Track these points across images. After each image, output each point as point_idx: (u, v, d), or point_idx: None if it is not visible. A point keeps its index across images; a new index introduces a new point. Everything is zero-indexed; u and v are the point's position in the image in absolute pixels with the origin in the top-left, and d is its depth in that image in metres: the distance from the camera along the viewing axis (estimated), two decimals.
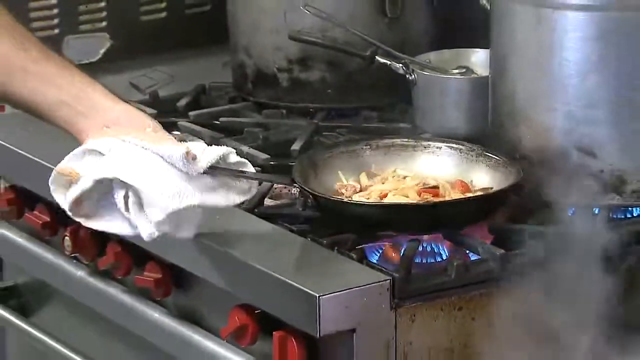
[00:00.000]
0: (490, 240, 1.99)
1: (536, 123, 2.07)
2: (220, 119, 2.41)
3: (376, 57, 2.34)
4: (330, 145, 2.18)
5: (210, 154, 1.87)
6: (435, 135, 2.24)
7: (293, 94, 2.45)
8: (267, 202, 2.09)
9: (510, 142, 2.10)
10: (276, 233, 2.00)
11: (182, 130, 2.38)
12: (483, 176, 2.08)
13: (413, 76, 2.30)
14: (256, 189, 1.94)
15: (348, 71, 2.42)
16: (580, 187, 2.05)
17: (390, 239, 1.99)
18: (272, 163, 2.21)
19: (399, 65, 2.32)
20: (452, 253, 1.95)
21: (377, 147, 2.13)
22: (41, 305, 2.41)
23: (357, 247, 1.93)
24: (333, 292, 1.80)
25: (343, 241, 1.94)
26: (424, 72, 2.30)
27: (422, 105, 2.30)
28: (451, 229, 1.99)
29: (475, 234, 2.00)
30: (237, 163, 1.90)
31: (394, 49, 2.35)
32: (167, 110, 2.45)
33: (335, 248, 1.92)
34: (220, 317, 1.99)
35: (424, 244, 1.96)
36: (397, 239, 1.97)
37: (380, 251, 1.97)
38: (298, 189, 2.02)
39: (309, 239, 1.96)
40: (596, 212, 2.04)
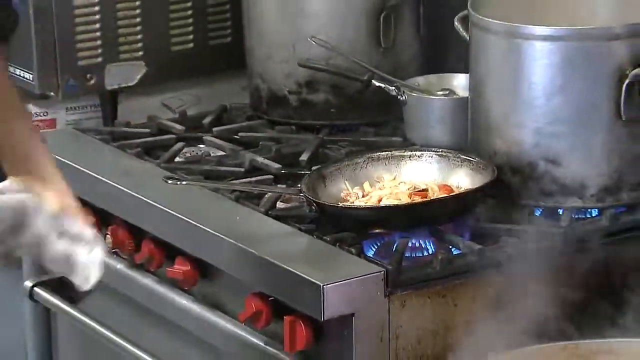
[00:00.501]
0: (470, 237, 1.98)
1: (508, 137, 2.06)
2: (239, 134, 2.40)
3: (372, 81, 2.33)
4: (336, 159, 2.18)
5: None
6: (422, 146, 2.23)
7: (301, 112, 2.44)
8: (279, 205, 2.08)
9: (486, 153, 2.09)
10: (286, 231, 2.00)
11: (207, 144, 2.38)
12: (465, 179, 2.07)
13: (404, 97, 2.29)
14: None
15: (348, 93, 2.41)
16: (546, 192, 2.06)
17: (383, 236, 1.98)
18: (284, 172, 2.21)
19: (392, 88, 2.31)
20: (437, 248, 1.94)
21: (377, 159, 2.13)
22: (85, 293, 2.41)
23: (356, 244, 1.92)
24: (335, 282, 1.81)
25: (344, 238, 1.94)
26: (413, 94, 2.29)
27: (412, 122, 2.30)
28: (436, 225, 1.98)
29: (457, 231, 1.99)
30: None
31: (387, 74, 2.34)
32: (194, 126, 2.44)
33: (337, 244, 1.93)
34: (238, 304, 1.98)
35: (413, 241, 1.96)
36: (389, 236, 1.97)
37: (376, 247, 1.96)
38: (305, 197, 2.02)
39: (314, 236, 1.96)
40: (560, 212, 2.04)
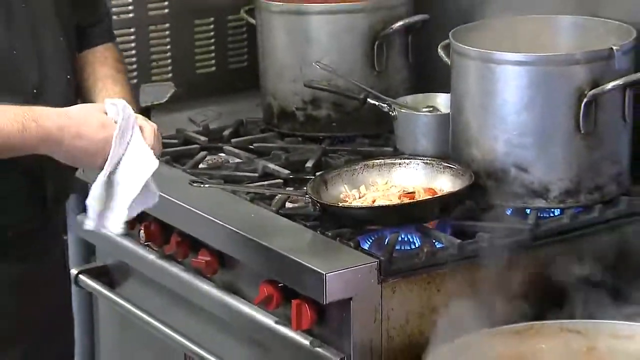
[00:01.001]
0: (451, 232, 1.98)
1: (484, 147, 2.06)
2: (254, 144, 2.40)
3: (367, 99, 2.33)
4: (336, 166, 2.17)
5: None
6: (410, 155, 2.23)
7: (307, 126, 2.43)
8: (288, 205, 2.07)
9: (465, 161, 2.08)
10: (294, 227, 1.99)
11: (227, 153, 2.38)
12: (447, 183, 2.06)
13: (394, 113, 2.28)
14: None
15: (347, 110, 2.40)
16: (516, 194, 2.06)
17: (377, 232, 1.97)
18: (292, 177, 2.20)
19: (384, 106, 2.30)
20: (423, 242, 1.94)
21: (372, 166, 2.12)
22: (123, 280, 2.41)
23: (353, 238, 1.92)
24: (335, 271, 1.81)
25: (343, 234, 1.94)
26: (402, 110, 2.29)
27: (401, 134, 2.29)
28: (422, 222, 1.98)
29: (440, 227, 1.99)
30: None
31: (380, 93, 2.33)
32: (216, 138, 2.43)
33: (337, 238, 1.93)
34: (253, 289, 1.99)
35: (402, 236, 1.96)
36: (382, 231, 1.96)
37: (370, 241, 1.96)
38: (309, 198, 2.02)
39: (318, 232, 1.96)
40: (528, 212, 2.04)
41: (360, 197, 2.06)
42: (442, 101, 2.31)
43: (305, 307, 1.87)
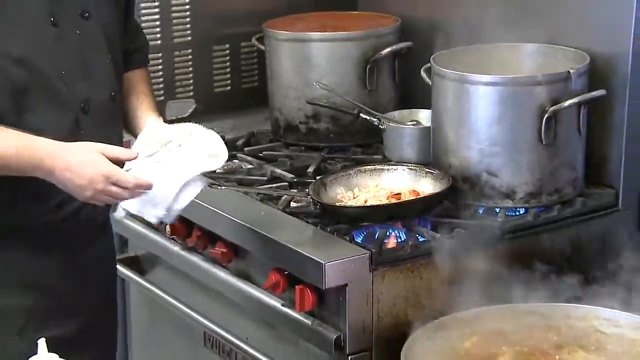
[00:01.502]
0: (431, 228, 1.98)
1: (460, 156, 2.05)
2: (263, 153, 2.38)
3: (360, 114, 2.32)
4: (334, 171, 2.17)
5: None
6: (397, 162, 2.22)
7: (308, 137, 2.42)
8: (292, 204, 2.07)
9: (444, 167, 2.08)
10: (297, 223, 1.99)
11: (240, 160, 2.36)
12: (428, 186, 2.06)
13: (383, 126, 2.27)
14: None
15: (343, 123, 2.38)
16: (487, 196, 2.06)
17: (368, 228, 1.97)
18: (295, 180, 2.19)
19: (374, 120, 2.29)
20: (408, 236, 1.94)
21: (364, 171, 2.12)
22: (151, 268, 2.40)
23: (348, 233, 1.92)
24: (333, 261, 1.82)
25: (339, 229, 1.94)
26: (390, 124, 2.28)
27: (389, 144, 2.28)
28: (407, 219, 1.97)
29: (422, 224, 1.99)
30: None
31: (371, 109, 2.32)
32: (230, 147, 2.37)
33: (335, 233, 1.93)
34: (262, 276, 1.99)
35: (390, 231, 1.96)
36: (373, 227, 1.96)
37: (363, 235, 1.96)
38: (311, 199, 2.03)
39: (318, 227, 1.96)
40: (497, 211, 2.04)
41: (354, 198, 2.06)
42: (424, 116, 2.30)
43: (307, 291, 1.87)
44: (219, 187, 2.09)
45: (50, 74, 1.75)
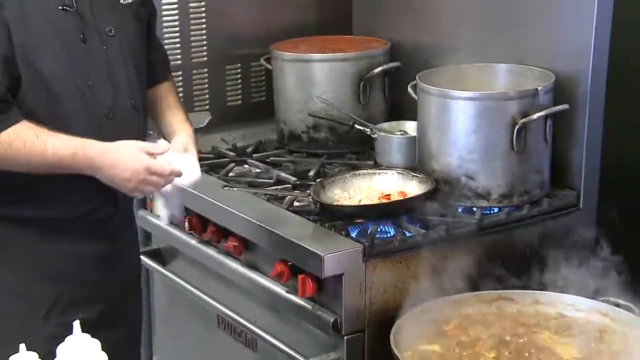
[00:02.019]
0: (417, 225, 1.97)
1: (442, 161, 2.05)
2: (270, 159, 2.37)
3: (355, 125, 2.32)
4: (332, 175, 2.16)
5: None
6: (387, 167, 2.22)
7: (310, 145, 2.41)
8: (296, 204, 2.06)
9: (428, 171, 2.08)
10: (300, 220, 1.98)
11: (249, 164, 2.34)
12: (415, 188, 2.05)
13: (375, 136, 2.28)
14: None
15: (340, 133, 2.38)
16: (465, 196, 2.05)
17: (362, 224, 1.96)
18: (298, 182, 2.18)
19: (367, 130, 2.30)
20: (396, 232, 1.93)
21: (358, 174, 2.11)
22: (172, 259, 2.40)
23: (345, 229, 1.92)
24: (331, 253, 1.82)
25: (337, 225, 1.93)
26: (381, 134, 2.28)
27: (380, 151, 2.28)
28: (396, 217, 1.97)
29: (409, 221, 1.98)
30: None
31: (365, 121, 2.33)
32: (241, 153, 2.40)
33: (332, 229, 1.92)
34: (269, 266, 1.98)
35: (380, 227, 1.95)
36: (366, 224, 1.96)
37: (357, 230, 1.95)
38: (312, 199, 2.03)
39: (318, 224, 1.95)
40: (474, 210, 2.03)
41: (349, 198, 2.06)
42: (410, 127, 2.30)
43: (308, 280, 1.87)
44: (231, 189, 2.10)
45: (80, 84, 1.76)
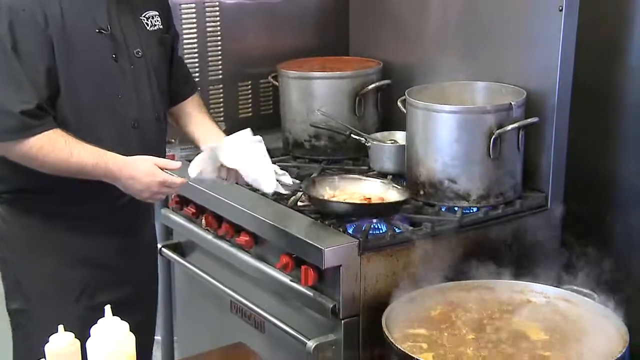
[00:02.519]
0: (406, 222, 1.96)
1: (427, 167, 2.05)
2: (277, 164, 2.28)
3: (351, 135, 2.32)
4: (321, 176, 2.16)
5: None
6: (379, 173, 2.22)
7: (311, 152, 2.40)
8: (299, 203, 2.05)
9: (414, 176, 2.08)
10: (303, 218, 1.97)
11: None
12: (394, 194, 2.02)
13: (369, 144, 2.27)
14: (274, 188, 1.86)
15: (338, 141, 2.37)
16: (448, 197, 2.03)
17: (357, 222, 1.95)
18: (301, 185, 2.19)
19: (362, 139, 2.29)
20: (387, 229, 1.92)
21: (344, 177, 2.09)
22: (191, 252, 2.37)
23: (342, 225, 1.91)
24: (330, 247, 1.82)
25: (335, 222, 1.93)
26: (374, 142, 2.27)
27: (373, 158, 2.27)
28: (387, 215, 1.95)
29: (399, 219, 1.96)
30: (284, 176, 1.88)
31: (360, 131, 2.32)
32: None
33: (331, 226, 1.92)
34: (275, 258, 1.97)
35: (373, 224, 1.94)
36: (360, 221, 1.95)
37: (353, 227, 1.94)
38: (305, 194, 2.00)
39: (318, 221, 1.95)
40: (456, 209, 2.03)
41: (334, 197, 2.02)
42: (400, 136, 2.29)
43: (310, 270, 1.87)
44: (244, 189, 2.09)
45: (110, 98, 1.77)
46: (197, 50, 2.52)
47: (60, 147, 1.68)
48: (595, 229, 2.02)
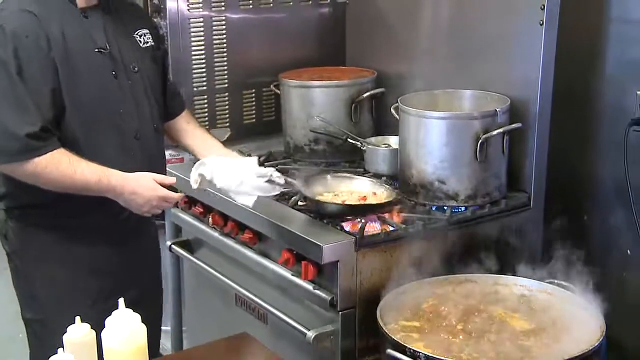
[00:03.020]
0: (399, 220, 1.95)
1: (419, 169, 2.04)
2: (278, 166, 2.31)
3: (348, 139, 2.30)
4: (314, 174, 2.12)
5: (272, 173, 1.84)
6: (374, 174, 2.20)
7: (311, 155, 2.38)
8: (300, 203, 2.03)
9: (407, 177, 2.07)
10: (303, 217, 1.97)
11: None
12: (385, 193, 2.02)
13: (364, 148, 2.26)
14: (279, 190, 1.86)
15: (336, 145, 2.35)
16: (438, 197, 2.03)
17: (354, 220, 1.95)
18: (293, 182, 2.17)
19: (358, 143, 2.28)
20: (381, 226, 1.92)
21: (337, 176, 2.09)
22: (198, 249, 2.37)
23: (339, 223, 1.91)
24: (329, 243, 1.82)
25: (333, 221, 1.92)
26: (369, 146, 2.26)
27: (369, 161, 2.26)
28: (382, 214, 1.95)
29: (392, 217, 1.96)
30: (279, 177, 1.87)
31: (356, 136, 2.31)
32: None
33: (330, 224, 1.92)
34: (278, 254, 1.97)
35: (369, 222, 1.93)
36: (355, 220, 1.94)
37: (350, 225, 1.93)
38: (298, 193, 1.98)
39: (317, 220, 1.94)
40: (445, 209, 2.02)
41: (326, 194, 2.02)
42: (393, 140, 2.28)
43: (310, 265, 1.86)
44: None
45: (112, 113, 1.79)
46: (204, 61, 2.52)
47: (65, 166, 1.68)
48: (574, 226, 2.02)
